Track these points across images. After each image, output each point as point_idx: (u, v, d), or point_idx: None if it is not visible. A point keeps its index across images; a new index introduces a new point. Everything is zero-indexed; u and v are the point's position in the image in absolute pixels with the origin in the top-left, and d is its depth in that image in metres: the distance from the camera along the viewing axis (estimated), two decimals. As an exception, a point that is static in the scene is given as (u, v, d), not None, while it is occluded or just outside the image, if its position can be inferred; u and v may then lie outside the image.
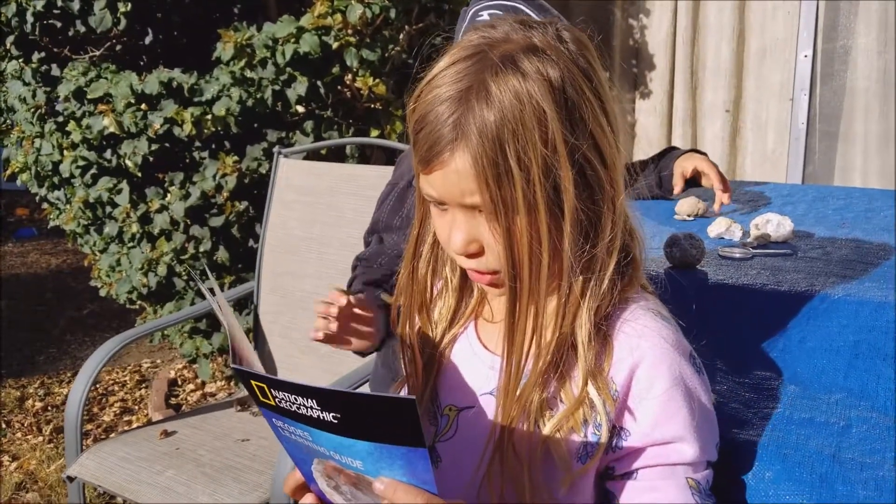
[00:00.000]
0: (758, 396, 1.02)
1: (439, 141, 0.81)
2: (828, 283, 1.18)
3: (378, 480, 0.75)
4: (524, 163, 0.79)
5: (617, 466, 0.89)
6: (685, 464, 0.86)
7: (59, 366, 4.07)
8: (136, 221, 3.10)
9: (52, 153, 3.13)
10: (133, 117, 2.85)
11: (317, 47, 2.75)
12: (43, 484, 2.90)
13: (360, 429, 0.72)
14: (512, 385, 0.87)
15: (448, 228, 0.87)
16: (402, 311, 1.01)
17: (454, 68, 0.82)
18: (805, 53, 3.29)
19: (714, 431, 0.89)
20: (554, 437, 0.86)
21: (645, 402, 0.86)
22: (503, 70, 0.80)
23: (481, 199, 0.81)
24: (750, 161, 3.50)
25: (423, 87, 0.85)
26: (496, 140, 0.78)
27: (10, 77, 3.21)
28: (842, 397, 0.99)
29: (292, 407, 0.75)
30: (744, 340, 1.11)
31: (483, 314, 1.01)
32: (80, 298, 5.07)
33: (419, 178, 0.87)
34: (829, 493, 0.85)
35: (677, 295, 0.97)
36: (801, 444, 0.92)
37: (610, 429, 0.86)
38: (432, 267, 1.00)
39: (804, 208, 1.73)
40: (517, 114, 0.78)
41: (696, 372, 0.88)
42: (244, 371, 0.77)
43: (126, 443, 2.22)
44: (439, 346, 1.00)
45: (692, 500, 0.86)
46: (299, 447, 0.81)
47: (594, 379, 0.86)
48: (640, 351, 0.86)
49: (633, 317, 0.88)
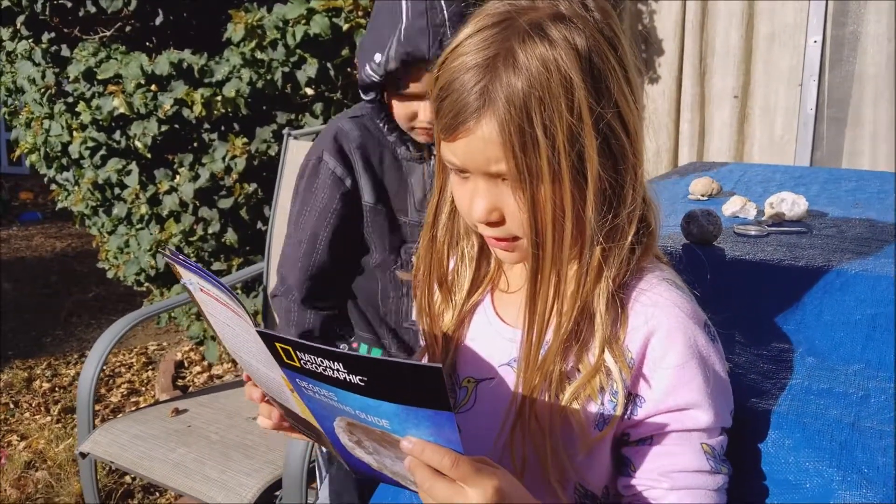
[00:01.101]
0: (776, 368, 1.03)
1: (465, 108, 0.81)
2: (843, 258, 1.18)
3: (405, 439, 0.75)
4: (550, 130, 0.79)
5: (633, 433, 0.90)
6: (700, 430, 0.87)
7: (65, 347, 4.08)
8: (144, 203, 3.11)
9: (62, 134, 3.14)
10: (143, 98, 2.85)
11: (327, 29, 2.75)
12: (52, 463, 2.92)
13: (386, 392, 0.73)
14: (533, 354, 0.87)
15: (469, 196, 0.87)
16: (421, 280, 1.02)
17: (480, 35, 0.82)
18: (815, 39, 3.29)
19: (728, 398, 0.91)
20: (572, 405, 0.88)
21: (660, 369, 0.87)
22: (530, 37, 0.80)
23: (507, 166, 0.81)
24: (758, 147, 3.50)
25: (447, 54, 0.85)
26: (523, 107, 0.78)
27: (20, 57, 3.21)
28: (860, 368, 1.00)
29: (318, 369, 0.75)
30: (762, 314, 1.12)
31: (499, 285, 1.01)
32: (85, 281, 5.09)
33: (441, 145, 0.87)
34: (849, 460, 0.87)
35: (693, 267, 0.98)
36: (821, 413, 0.93)
37: (626, 396, 0.87)
38: (449, 237, 1.00)
39: (817, 189, 1.73)
40: (544, 81, 0.78)
41: (710, 340, 0.89)
42: (270, 334, 0.78)
43: (138, 420, 2.24)
44: (457, 317, 1.00)
45: (707, 464, 0.88)
46: (322, 405, 0.82)
47: (610, 347, 0.87)
48: (656, 320, 0.87)
49: (649, 286, 0.89)
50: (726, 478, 0.90)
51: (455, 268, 1.03)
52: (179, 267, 0.90)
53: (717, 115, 3.55)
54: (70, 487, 2.74)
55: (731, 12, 3.44)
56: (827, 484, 0.88)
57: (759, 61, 3.44)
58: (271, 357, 0.80)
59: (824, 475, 0.88)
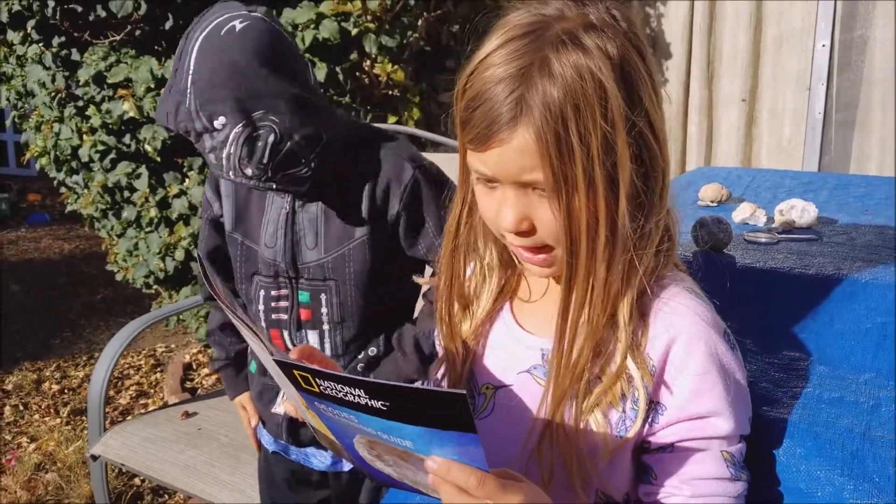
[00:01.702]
0: (787, 376, 1.04)
1: (498, 118, 0.81)
2: (854, 267, 1.19)
3: (430, 459, 0.76)
4: (585, 138, 0.79)
5: (653, 440, 0.91)
6: (720, 437, 0.88)
7: (74, 349, 4.10)
8: (154, 206, 3.12)
9: (72, 137, 3.15)
10: (153, 102, 2.86)
11: (336, 33, 2.76)
12: (62, 464, 2.94)
13: (409, 415, 0.73)
14: (565, 362, 0.88)
15: (496, 206, 0.87)
16: (442, 291, 1.03)
17: (510, 46, 0.82)
18: (823, 43, 3.29)
19: (747, 406, 0.91)
20: (594, 412, 0.88)
21: (681, 377, 0.88)
22: (564, 46, 0.80)
23: (543, 175, 0.81)
24: (766, 151, 3.50)
25: (475, 65, 0.84)
26: (559, 115, 0.79)
27: (31, 61, 3.23)
28: (871, 377, 1.01)
29: (338, 394, 0.75)
30: (773, 322, 1.12)
31: (519, 294, 1.02)
32: (93, 283, 5.11)
33: (468, 156, 0.88)
34: (860, 469, 0.87)
35: (709, 275, 0.99)
36: (832, 422, 0.94)
37: (647, 403, 0.88)
38: (466, 247, 1.01)
39: (826, 196, 1.73)
40: (579, 89, 0.79)
41: (730, 349, 0.89)
42: (287, 362, 0.78)
43: (148, 423, 2.25)
44: (475, 326, 1.01)
45: (727, 472, 0.88)
46: (342, 425, 0.82)
47: (633, 354, 0.87)
48: (676, 328, 0.87)
49: (669, 295, 0.90)
50: (746, 485, 0.90)
51: (473, 273, 1.03)
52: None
53: (724, 119, 3.55)
54: (80, 489, 2.76)
55: (738, 16, 3.44)
56: (838, 493, 0.88)
57: (766, 65, 3.44)
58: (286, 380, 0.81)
59: (836, 484, 0.89)
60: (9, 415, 3.39)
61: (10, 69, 3.45)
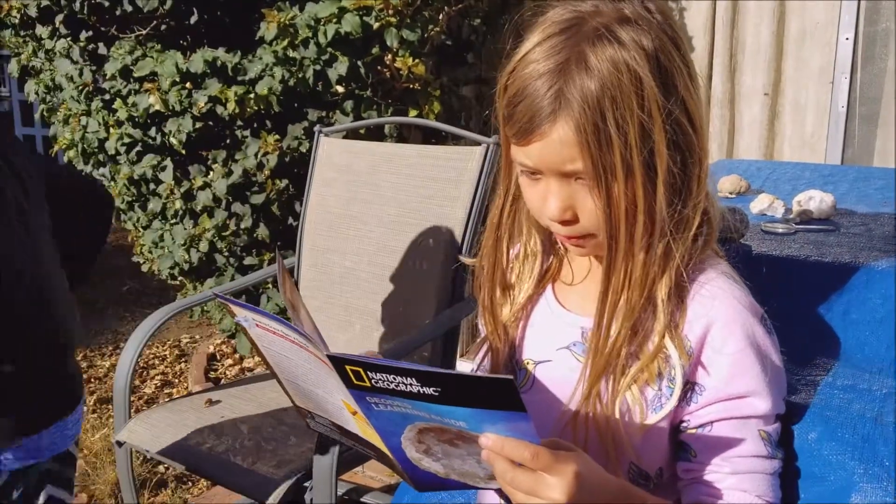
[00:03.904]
0: (801, 364, 1.05)
1: (540, 112, 0.85)
2: (871, 257, 1.19)
3: (484, 436, 0.78)
4: (623, 128, 0.83)
5: (692, 420, 0.94)
6: (758, 416, 0.91)
7: (100, 340, 4.17)
8: (179, 198, 3.17)
9: (99, 130, 3.20)
10: (178, 95, 2.91)
11: (358, 27, 2.78)
12: (88, 452, 2.99)
13: (461, 399, 0.76)
14: (602, 342, 0.92)
15: (541, 196, 0.91)
16: (485, 276, 1.08)
17: (548, 43, 0.86)
18: (846, 36, 3.26)
19: (783, 387, 0.94)
20: (631, 389, 0.92)
21: (719, 358, 0.90)
22: (600, 40, 0.84)
23: (583, 165, 0.85)
24: (788, 145, 3.48)
25: (516, 63, 0.89)
26: (597, 107, 0.82)
27: (59, 55, 3.28)
28: (884, 366, 1.02)
29: (391, 385, 0.77)
30: (787, 309, 1.13)
31: (561, 277, 1.06)
32: (120, 275, 5.18)
33: (511, 149, 0.92)
34: (871, 453, 0.88)
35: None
36: (844, 407, 0.95)
37: (683, 383, 0.91)
38: (509, 234, 1.06)
39: (846, 188, 1.73)
40: (615, 81, 0.82)
41: (767, 332, 0.92)
42: (340, 357, 0.79)
43: (172, 411, 2.29)
44: (519, 308, 1.06)
45: (765, 450, 0.91)
46: (391, 419, 0.84)
47: (670, 334, 0.91)
48: (715, 311, 0.91)
49: (707, 279, 0.93)
50: (781, 463, 0.93)
51: (516, 258, 1.08)
52: (232, 306, 0.94)
53: (746, 113, 3.54)
54: (106, 476, 2.81)
55: (761, 9, 3.42)
56: (849, 476, 0.90)
57: (789, 58, 3.42)
58: (336, 381, 0.82)
59: (847, 468, 0.90)
60: (37, 403, 3.45)
61: (39, 63, 3.51)
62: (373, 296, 2.44)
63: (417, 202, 2.36)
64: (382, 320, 2.42)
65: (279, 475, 1.94)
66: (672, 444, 0.97)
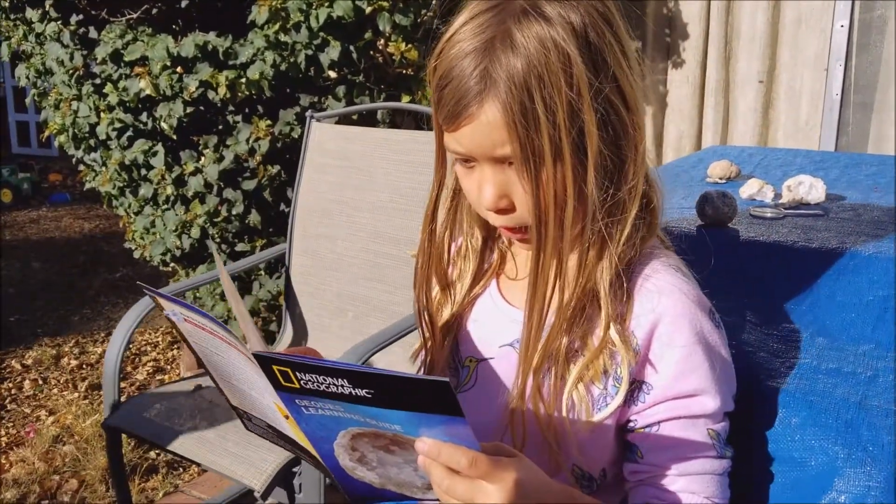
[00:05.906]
0: (786, 347, 1.04)
1: (466, 94, 0.81)
2: (858, 241, 1.19)
3: (420, 440, 0.74)
4: (550, 107, 0.79)
5: (639, 419, 0.91)
6: (706, 415, 0.88)
7: (93, 326, 4.16)
8: (170, 184, 3.15)
9: (89, 115, 3.18)
10: (169, 80, 2.88)
11: (350, 11, 2.76)
12: (79, 437, 2.99)
13: (395, 401, 0.71)
14: (535, 334, 0.88)
15: (477, 185, 0.87)
16: (420, 272, 1.02)
17: (475, 22, 0.83)
18: (841, 23, 3.25)
19: (732, 383, 0.91)
20: (576, 386, 0.88)
21: (667, 355, 0.87)
22: (526, 17, 0.80)
23: (511, 148, 0.81)
24: (783, 132, 3.47)
25: (443, 44, 0.85)
26: (524, 86, 0.79)
27: (49, 39, 3.25)
28: (870, 349, 1.01)
29: (320, 387, 0.72)
30: (773, 294, 1.12)
31: (505, 272, 1.02)
32: (113, 262, 5.17)
33: (444, 136, 0.88)
34: (854, 437, 0.87)
35: (698, 249, 0.99)
36: (828, 391, 0.94)
37: (630, 381, 0.88)
38: (450, 229, 1.01)
39: (837, 173, 1.73)
40: (542, 59, 0.79)
41: (715, 327, 0.89)
42: (266, 356, 0.74)
43: (162, 396, 2.28)
44: (459, 307, 1.01)
45: (714, 450, 0.89)
46: (323, 424, 0.79)
47: (616, 326, 0.87)
48: (662, 307, 0.87)
49: (653, 271, 0.89)
50: (730, 462, 0.91)
51: (457, 254, 1.03)
52: (162, 299, 0.88)
53: (741, 100, 3.52)
54: (96, 461, 2.80)
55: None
56: (832, 461, 0.89)
57: (785, 45, 3.41)
58: (266, 382, 0.77)
59: (829, 453, 0.89)
60: (28, 389, 3.45)
61: (30, 47, 3.48)
62: (365, 282, 2.43)
63: (410, 187, 2.35)
64: (375, 306, 2.41)
65: (269, 459, 1.94)
66: (618, 445, 0.94)
